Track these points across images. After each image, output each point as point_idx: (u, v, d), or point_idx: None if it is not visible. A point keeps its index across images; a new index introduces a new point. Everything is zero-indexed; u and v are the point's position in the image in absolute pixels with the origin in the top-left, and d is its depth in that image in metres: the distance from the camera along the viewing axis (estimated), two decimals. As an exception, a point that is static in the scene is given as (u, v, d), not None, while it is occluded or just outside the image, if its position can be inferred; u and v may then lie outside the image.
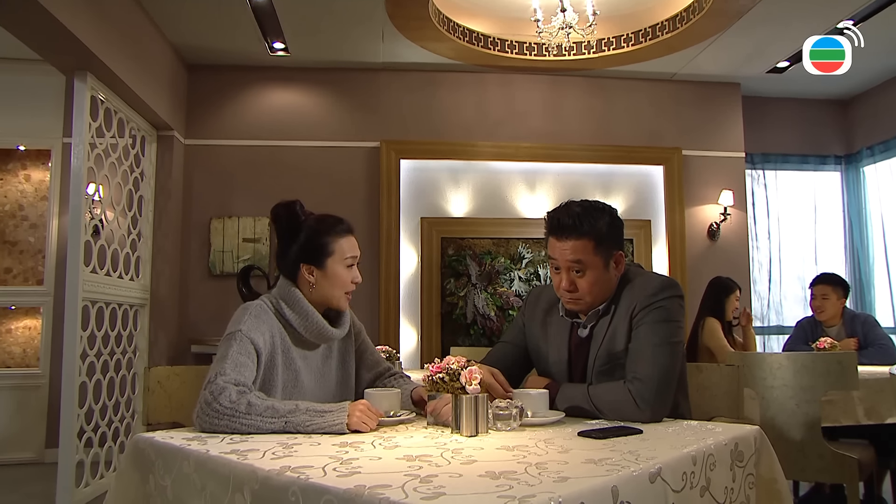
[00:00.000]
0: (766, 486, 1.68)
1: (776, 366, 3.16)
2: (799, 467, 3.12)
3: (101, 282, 4.55)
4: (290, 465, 1.30)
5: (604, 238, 2.09)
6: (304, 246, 2.14)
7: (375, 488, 1.12)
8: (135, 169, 5.20)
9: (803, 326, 4.59)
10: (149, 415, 2.24)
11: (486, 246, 6.09)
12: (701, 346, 4.42)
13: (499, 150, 6.16)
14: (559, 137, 6.27)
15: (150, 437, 1.62)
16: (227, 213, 5.96)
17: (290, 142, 6.06)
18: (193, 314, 5.85)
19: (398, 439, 1.62)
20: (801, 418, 3.06)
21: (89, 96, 4.34)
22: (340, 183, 6.03)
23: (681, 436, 1.64)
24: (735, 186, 6.41)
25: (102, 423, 4.58)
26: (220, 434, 1.70)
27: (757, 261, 6.90)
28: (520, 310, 2.44)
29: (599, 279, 2.09)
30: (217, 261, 5.89)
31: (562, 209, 2.13)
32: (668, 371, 1.95)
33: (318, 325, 2.11)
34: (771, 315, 6.89)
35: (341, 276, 2.15)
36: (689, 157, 6.41)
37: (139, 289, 5.19)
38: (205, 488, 1.40)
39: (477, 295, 6.03)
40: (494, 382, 2.00)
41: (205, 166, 6.00)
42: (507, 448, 1.49)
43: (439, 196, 6.16)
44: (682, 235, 6.27)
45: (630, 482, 1.22)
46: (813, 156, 7.10)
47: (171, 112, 5.57)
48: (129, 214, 5.11)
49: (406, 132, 6.15)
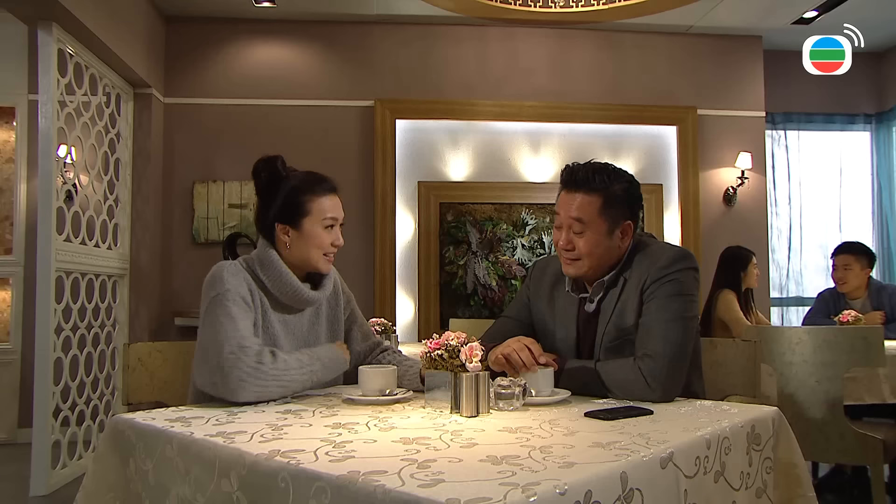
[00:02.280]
0: (784, 470, 1.69)
1: (795, 340, 3.18)
2: (819, 448, 3.15)
3: (76, 251, 4.54)
4: (280, 449, 1.30)
5: (614, 201, 2.09)
6: (281, 204, 2.15)
7: (370, 474, 1.13)
8: (110, 129, 5.16)
9: (825, 298, 4.60)
10: (129, 394, 2.25)
11: (487, 212, 6.08)
12: (715, 319, 4.44)
13: (501, 110, 6.11)
14: (566, 96, 6.22)
15: (131, 418, 1.63)
16: (211, 178, 5.93)
17: (278, 101, 6.01)
18: (176, 285, 5.85)
19: (394, 420, 1.62)
20: (821, 396, 3.08)
21: (56, 49, 4.27)
22: (332, 145, 6.00)
23: (694, 417, 1.64)
24: (754, 148, 6.38)
25: (80, 400, 4.61)
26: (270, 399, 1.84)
27: (776, 228, 6.89)
28: (523, 283, 2.44)
29: (600, 244, 2.09)
30: (201, 228, 5.88)
31: (580, 164, 2.15)
32: (681, 348, 1.95)
33: (292, 288, 2.11)
34: (790, 285, 6.90)
35: (318, 237, 2.14)
36: (705, 117, 6.37)
37: (117, 258, 5.19)
38: (189, 473, 1.41)
39: (477, 264, 6.03)
40: (527, 356, 1.92)
41: (186, 127, 5.96)
42: (509, 430, 1.50)
43: (437, 159, 6.13)
44: (695, 201, 6.26)
45: (640, 468, 1.23)
46: (840, 114, 7.03)
47: (148, 68, 5.51)
48: (104, 179, 5.09)
49: (402, 90, 6.10)
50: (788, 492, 1.70)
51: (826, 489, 4.06)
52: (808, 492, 1.69)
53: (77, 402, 4.57)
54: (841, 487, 4.04)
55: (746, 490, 1.56)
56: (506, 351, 1.94)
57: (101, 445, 1.65)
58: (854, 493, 3.94)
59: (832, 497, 3.99)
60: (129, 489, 1.59)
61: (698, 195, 6.27)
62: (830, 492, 4.04)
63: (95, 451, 1.66)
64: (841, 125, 7.05)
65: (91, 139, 4.86)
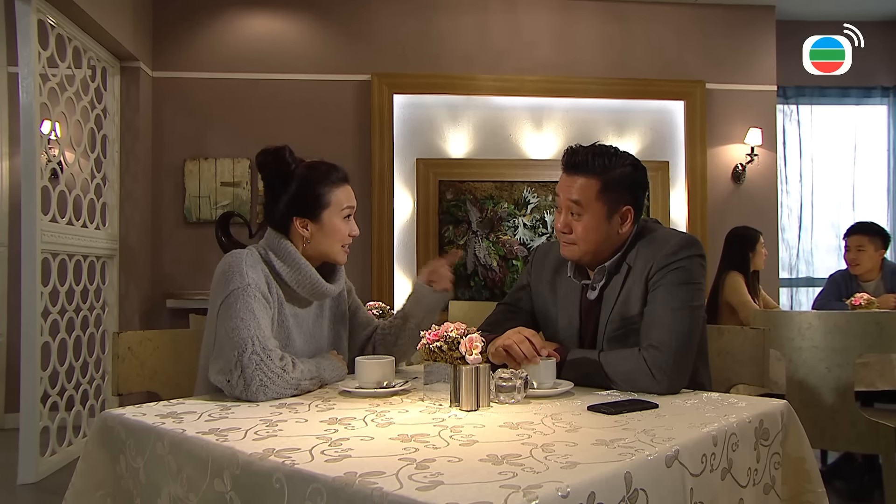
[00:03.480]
0: (793, 465, 1.70)
1: (805, 325, 3.18)
2: (829, 436, 3.16)
3: (63, 231, 4.53)
4: (274, 448, 1.31)
5: (613, 184, 2.09)
6: (297, 197, 2.14)
7: (367, 476, 1.13)
8: (96, 105, 5.13)
9: (836, 281, 4.60)
10: (119, 384, 2.24)
11: (487, 190, 6.06)
12: (722, 302, 4.44)
13: (502, 84, 6.08)
14: (569, 70, 6.19)
15: (120, 413, 1.63)
16: (202, 154, 5.91)
17: (272, 74, 5.97)
18: (168, 266, 5.85)
19: (392, 414, 1.63)
20: (832, 383, 3.09)
21: (35, 20, 4.22)
22: (327, 120, 5.97)
23: (700, 411, 1.64)
24: (764, 123, 6.35)
25: (69, 385, 4.61)
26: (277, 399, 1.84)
27: (786, 206, 6.88)
28: (524, 269, 2.44)
29: (597, 228, 2.10)
30: (193, 207, 5.87)
31: (582, 146, 2.14)
32: (687, 338, 1.95)
33: (311, 280, 2.12)
34: (800, 266, 6.91)
35: (338, 229, 2.17)
36: (714, 91, 6.33)
37: (106, 238, 5.18)
38: (181, 472, 1.41)
39: (478, 243, 6.03)
40: (528, 348, 1.91)
41: (176, 102, 5.92)
42: (510, 425, 1.50)
43: (437, 135, 6.10)
44: (703, 178, 6.24)
45: (644, 467, 1.23)
46: (856, 87, 6.98)
47: (135, 40, 5.47)
48: (91, 156, 5.07)
49: (400, 64, 6.06)
50: (797, 487, 1.71)
51: (835, 476, 4.09)
52: (817, 487, 1.70)
53: (66, 387, 4.57)
54: (851, 475, 4.05)
55: (754, 486, 1.57)
56: (506, 343, 1.95)
57: (89, 442, 1.66)
58: (865, 481, 3.96)
59: (842, 484, 4.01)
60: (120, 486, 1.60)
61: (706, 173, 6.25)
62: (840, 479, 4.07)
63: (84, 447, 1.66)
64: (856, 99, 7.00)
65: (76, 115, 4.83)
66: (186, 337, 2.48)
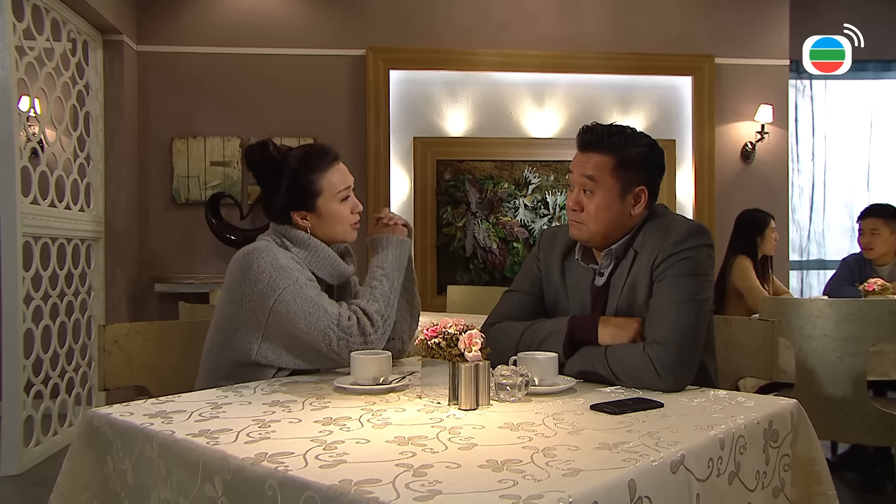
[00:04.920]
0: (802, 466, 1.71)
1: (816, 313, 3.18)
2: (839, 427, 3.17)
3: (45, 214, 4.53)
4: (267, 452, 1.31)
5: (628, 163, 2.10)
6: (289, 192, 2.17)
7: (363, 484, 1.13)
8: (78, 80, 5.11)
9: (849, 265, 4.60)
10: (106, 379, 2.25)
11: (487, 169, 6.06)
12: (729, 287, 4.43)
13: (503, 59, 6.07)
14: (573, 44, 6.17)
15: (107, 413, 1.63)
16: (191, 133, 5.90)
17: (263, 49, 5.95)
18: (156, 248, 5.86)
19: (388, 413, 1.63)
20: (844, 373, 3.10)
21: (8, -11, 4.18)
22: (321, 97, 5.96)
23: (707, 412, 1.65)
24: (775, 100, 6.34)
25: (53, 373, 4.62)
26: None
27: (797, 186, 6.89)
28: (530, 255, 2.43)
29: (610, 207, 2.10)
30: (181, 187, 5.86)
31: (597, 124, 2.16)
32: (693, 333, 1.95)
33: (331, 261, 2.19)
34: (811, 247, 6.92)
35: (339, 213, 2.21)
36: (723, 66, 6.32)
37: (91, 221, 5.18)
38: (170, 475, 1.42)
39: (477, 225, 6.03)
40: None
41: (163, 78, 5.90)
42: (510, 426, 1.51)
43: (434, 112, 6.10)
44: (710, 157, 6.24)
45: (649, 474, 1.24)
46: (873, 61, 6.94)
47: (118, 12, 5.43)
48: (74, 134, 5.05)
49: (396, 38, 6.04)
50: (807, 489, 1.71)
51: (846, 467, 4.12)
52: (827, 489, 1.70)
53: (50, 375, 4.58)
54: (862, 466, 4.08)
55: (763, 490, 1.57)
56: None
57: (75, 442, 1.66)
58: (876, 472, 3.99)
59: (852, 476, 4.05)
60: (108, 488, 1.61)
61: (714, 151, 6.26)
62: (850, 470, 4.10)
63: (70, 448, 1.67)
64: (874, 72, 6.98)
65: (57, 91, 4.79)
66: (175, 329, 2.48)
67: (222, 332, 2.11)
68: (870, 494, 3.79)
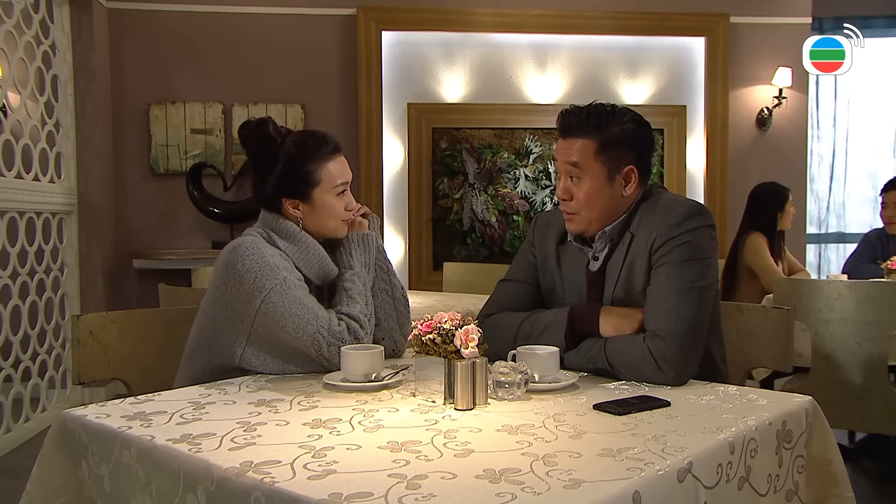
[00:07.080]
0: (817, 468, 1.72)
1: (835, 296, 3.20)
2: (857, 416, 3.20)
3: (11, 186, 4.48)
4: (253, 461, 1.32)
5: (612, 143, 2.10)
6: (284, 177, 2.16)
7: (353, 498, 1.15)
8: (42, 40, 5.00)
9: (871, 240, 4.61)
10: (81, 372, 2.25)
11: (485, 138, 6.05)
12: (741, 265, 4.41)
13: (502, 20, 6.04)
14: (577, 2, 6.13)
15: (81, 415, 1.64)
16: (169, 98, 5.87)
17: (245, 8, 5.91)
18: (134, 222, 5.86)
19: (381, 414, 1.64)
20: (862, 359, 3.12)
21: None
22: (308, 60, 5.93)
23: (716, 412, 1.65)
24: (795, 62, 6.29)
25: (24, 356, 4.62)
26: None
27: (816, 153, 6.88)
28: (525, 241, 2.43)
29: (599, 191, 2.10)
30: (160, 156, 5.84)
31: (575, 107, 2.16)
32: (695, 323, 1.96)
33: (319, 259, 2.18)
34: (830, 219, 6.93)
35: (332, 207, 2.19)
36: (739, 26, 6.28)
37: (63, 193, 5.16)
38: (150, 483, 1.43)
39: (475, 197, 6.03)
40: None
41: (137, 38, 5.86)
42: (509, 429, 1.52)
43: (430, 77, 6.07)
44: (724, 124, 6.23)
45: (655, 484, 1.25)
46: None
47: (84, -36, 5.36)
48: (41, 99, 4.99)
49: (388, -5, 6.00)
50: (822, 491, 1.73)
51: (864, 455, 4.15)
52: (845, 492, 1.72)
53: (21, 358, 4.58)
54: (881, 454, 4.11)
55: (775, 494, 1.59)
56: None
57: (46, 445, 1.67)
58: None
59: (870, 464, 4.09)
60: (82, 494, 1.62)
61: (727, 117, 6.25)
62: (869, 458, 4.13)
63: (41, 451, 1.67)
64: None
65: (19, 51, 4.68)
66: (155, 317, 2.49)
67: (206, 333, 2.11)
68: (888, 485, 3.82)
